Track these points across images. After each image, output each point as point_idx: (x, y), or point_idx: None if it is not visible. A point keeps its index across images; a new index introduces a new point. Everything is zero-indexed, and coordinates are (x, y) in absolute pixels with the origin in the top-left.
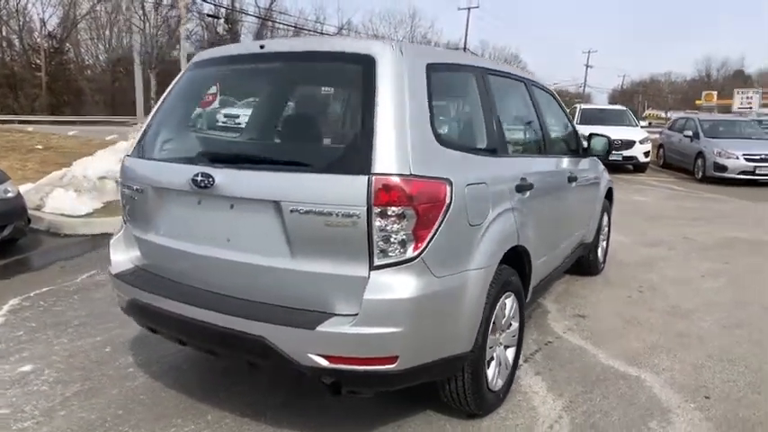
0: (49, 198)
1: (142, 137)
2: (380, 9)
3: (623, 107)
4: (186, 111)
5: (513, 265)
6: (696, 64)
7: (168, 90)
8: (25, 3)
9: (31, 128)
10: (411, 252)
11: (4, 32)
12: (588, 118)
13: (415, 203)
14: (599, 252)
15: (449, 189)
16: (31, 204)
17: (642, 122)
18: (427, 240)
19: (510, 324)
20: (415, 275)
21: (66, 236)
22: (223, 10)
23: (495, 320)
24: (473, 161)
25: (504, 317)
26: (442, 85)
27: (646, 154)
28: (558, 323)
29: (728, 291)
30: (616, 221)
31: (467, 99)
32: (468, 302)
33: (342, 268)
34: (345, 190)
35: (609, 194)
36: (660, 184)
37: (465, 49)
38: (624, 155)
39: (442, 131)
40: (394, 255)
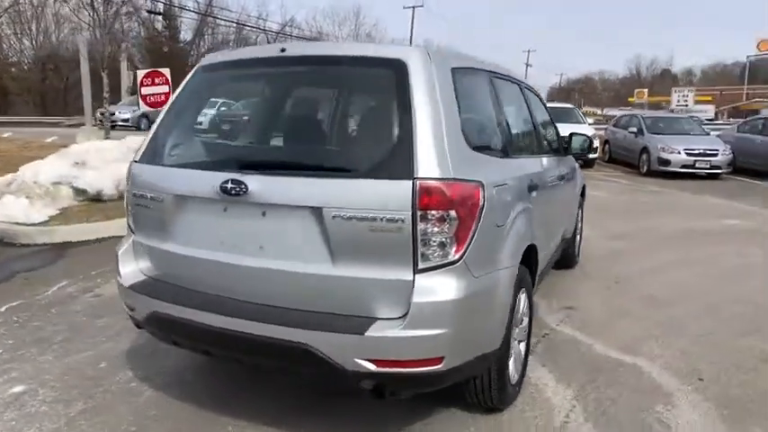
0: None
1: (151, 142)
2: (324, 6)
3: (571, 105)
4: (199, 116)
5: (525, 262)
6: (627, 63)
7: (176, 94)
8: None
9: None
10: (454, 254)
11: None
12: None
13: (456, 207)
14: (576, 246)
15: (482, 191)
16: None
17: (589, 119)
18: (467, 242)
19: (522, 319)
20: (458, 277)
21: (24, 245)
22: (161, 5)
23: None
24: (494, 163)
25: (519, 312)
26: (464, 89)
27: (594, 150)
28: (550, 316)
29: (695, 280)
30: None
31: (482, 102)
32: (500, 301)
33: (385, 273)
34: (390, 195)
35: (582, 191)
36: (609, 178)
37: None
38: None
39: (469, 134)
40: (438, 258)
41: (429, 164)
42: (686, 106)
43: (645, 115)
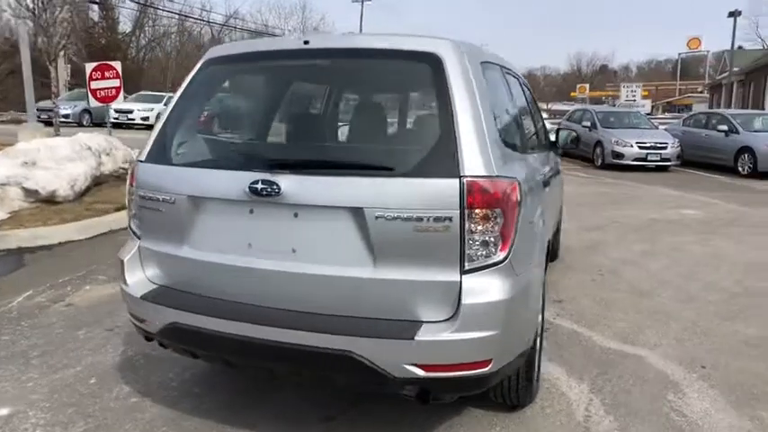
0: None
1: (158, 141)
2: None
3: None
4: (223, 112)
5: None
6: (569, 59)
7: (182, 90)
8: None
9: None
10: (500, 253)
11: None
12: None
13: (501, 204)
14: (559, 237)
15: (519, 188)
16: None
17: (545, 114)
18: (511, 240)
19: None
20: (505, 276)
21: None
22: None
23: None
24: (519, 159)
25: None
26: (490, 84)
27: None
28: (546, 310)
29: (669, 269)
30: None
31: (503, 97)
32: (534, 298)
33: (429, 274)
34: (436, 194)
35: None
36: (568, 171)
37: None
38: None
39: (500, 130)
40: (485, 257)
41: (474, 161)
42: (635, 101)
43: (597, 110)
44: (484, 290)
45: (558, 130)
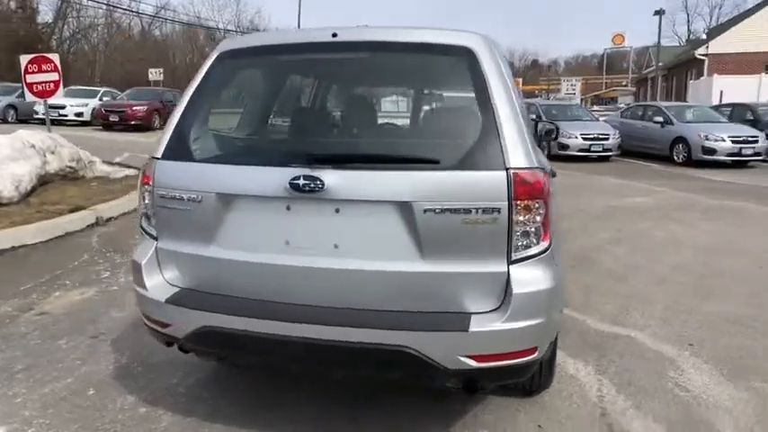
0: None
1: (174, 137)
2: None
3: None
4: (246, 107)
5: None
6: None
7: (197, 85)
8: None
9: None
10: (542, 243)
11: None
12: None
13: (543, 195)
14: None
15: (548, 178)
16: None
17: None
18: (551, 230)
19: None
20: (547, 265)
21: None
22: None
23: None
24: (538, 150)
25: None
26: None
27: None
28: None
29: (636, 254)
30: None
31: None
32: (563, 286)
33: (477, 265)
34: (485, 186)
35: None
36: None
37: None
38: None
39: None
40: (531, 247)
41: (518, 153)
42: (574, 94)
43: (541, 103)
44: (531, 279)
45: (536, 123)
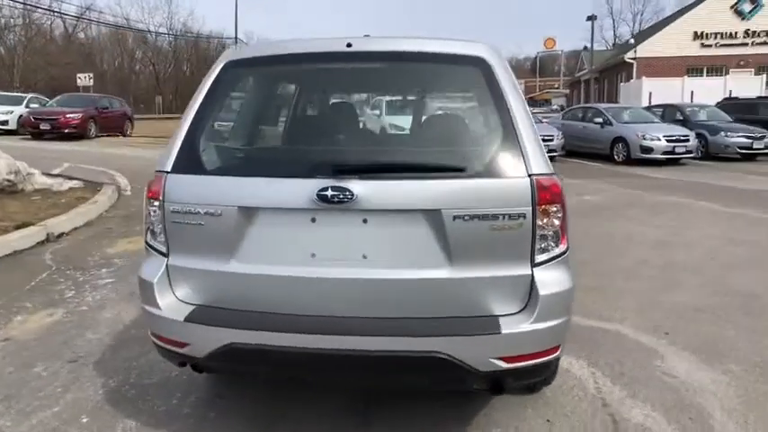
0: None
1: (184, 149)
2: None
3: None
4: (259, 118)
5: None
6: None
7: (204, 95)
8: None
9: None
10: (561, 245)
11: None
12: None
13: (561, 199)
14: None
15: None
16: None
17: None
18: (568, 233)
19: None
20: (566, 267)
21: None
22: None
23: None
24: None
25: None
26: None
27: None
28: None
29: (599, 250)
30: None
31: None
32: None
33: (503, 269)
34: (511, 192)
35: None
36: None
37: (236, 39)
38: None
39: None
40: (552, 250)
41: (538, 160)
42: None
43: None
44: (554, 281)
45: None
